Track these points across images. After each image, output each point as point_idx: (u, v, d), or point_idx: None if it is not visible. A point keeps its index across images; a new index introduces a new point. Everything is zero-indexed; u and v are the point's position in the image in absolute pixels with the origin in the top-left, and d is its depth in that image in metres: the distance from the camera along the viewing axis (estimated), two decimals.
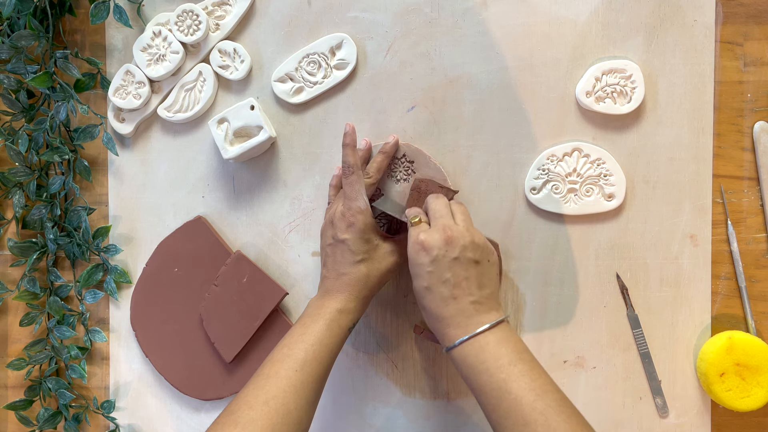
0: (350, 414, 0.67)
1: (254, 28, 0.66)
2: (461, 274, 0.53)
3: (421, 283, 0.54)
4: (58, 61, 0.65)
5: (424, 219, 0.57)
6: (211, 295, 0.66)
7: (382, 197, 0.64)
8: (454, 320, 0.53)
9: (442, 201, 0.58)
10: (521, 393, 0.49)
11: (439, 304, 0.53)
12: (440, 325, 0.54)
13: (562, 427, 0.47)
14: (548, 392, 0.49)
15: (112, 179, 0.69)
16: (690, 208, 0.64)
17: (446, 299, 0.53)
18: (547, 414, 0.48)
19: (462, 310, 0.53)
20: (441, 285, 0.53)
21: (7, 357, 0.71)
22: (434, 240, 0.54)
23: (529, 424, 0.48)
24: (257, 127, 0.64)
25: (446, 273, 0.53)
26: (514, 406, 0.49)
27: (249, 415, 0.50)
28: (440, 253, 0.53)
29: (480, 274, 0.54)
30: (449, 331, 0.53)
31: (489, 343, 0.52)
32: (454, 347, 0.53)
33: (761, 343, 0.61)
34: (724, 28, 0.63)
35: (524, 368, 0.50)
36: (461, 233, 0.54)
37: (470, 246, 0.54)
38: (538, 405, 0.48)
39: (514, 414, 0.48)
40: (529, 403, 0.48)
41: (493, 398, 0.50)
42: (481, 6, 0.64)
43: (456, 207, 0.58)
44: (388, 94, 0.65)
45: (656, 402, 0.64)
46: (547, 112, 0.64)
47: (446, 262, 0.53)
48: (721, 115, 0.64)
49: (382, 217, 0.64)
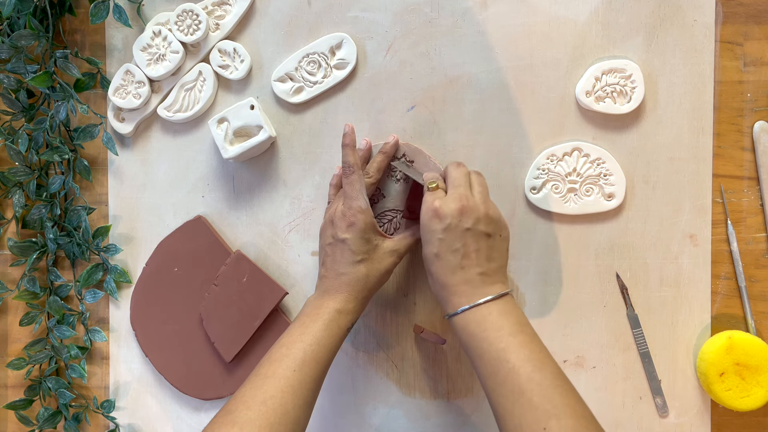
0: (350, 413, 0.67)
1: (254, 27, 0.66)
2: (471, 245, 0.53)
3: (431, 249, 0.54)
4: (58, 61, 0.65)
5: (441, 185, 0.57)
6: (211, 294, 0.66)
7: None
8: (460, 288, 0.53)
9: (463, 170, 0.57)
10: (519, 363, 0.49)
11: (446, 271, 0.54)
12: (445, 292, 0.54)
13: (558, 399, 0.47)
14: (546, 365, 0.49)
15: (112, 179, 0.69)
16: (690, 208, 0.64)
17: (454, 268, 0.53)
18: (543, 385, 0.48)
19: (468, 280, 0.53)
20: (450, 253, 0.53)
21: (7, 357, 0.71)
22: (449, 208, 0.54)
23: (524, 393, 0.48)
24: (257, 127, 0.64)
25: (457, 242, 0.53)
26: (511, 375, 0.49)
27: (247, 414, 0.50)
28: (453, 222, 0.53)
29: (490, 247, 0.54)
30: (453, 299, 0.53)
31: (492, 313, 0.52)
32: (456, 314, 0.53)
33: (761, 343, 0.61)
34: (724, 28, 0.63)
35: (524, 340, 0.50)
36: (476, 205, 0.54)
37: (484, 218, 0.54)
38: (535, 376, 0.48)
39: (510, 383, 0.49)
40: (526, 374, 0.48)
41: (491, 366, 0.50)
42: (480, 6, 0.64)
43: (475, 177, 0.58)
44: (388, 94, 0.65)
45: (656, 402, 0.64)
46: (547, 111, 0.64)
47: (458, 231, 0.53)
48: (721, 115, 0.64)
49: (383, 216, 0.64)
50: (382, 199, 0.64)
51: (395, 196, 0.64)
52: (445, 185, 0.57)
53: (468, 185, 0.56)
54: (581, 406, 0.48)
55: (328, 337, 0.55)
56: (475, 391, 0.66)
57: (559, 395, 0.48)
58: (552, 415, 0.47)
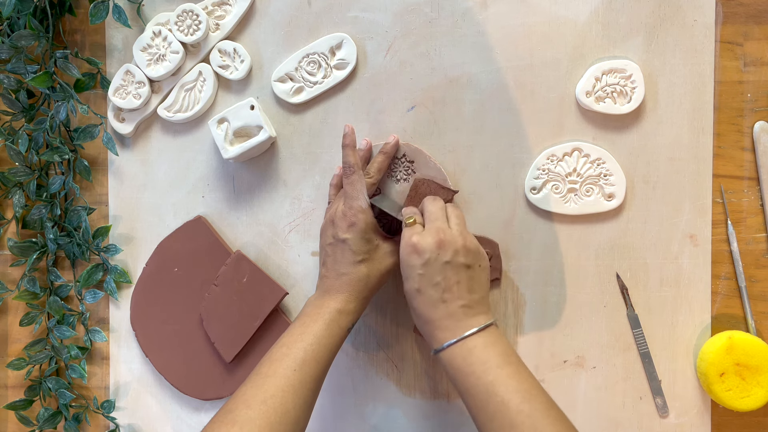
0: (350, 414, 0.67)
1: (254, 28, 0.66)
2: (452, 278, 0.53)
3: (412, 285, 0.54)
4: (58, 61, 0.65)
5: (419, 220, 0.57)
6: (211, 295, 0.66)
7: (380, 195, 0.64)
8: (443, 323, 0.53)
9: (438, 204, 0.58)
10: (508, 396, 0.49)
11: (428, 306, 0.53)
12: (429, 327, 0.54)
13: (548, 430, 0.47)
14: (535, 396, 0.49)
15: (112, 179, 0.69)
16: (690, 208, 0.64)
17: (436, 302, 0.53)
18: (533, 417, 0.48)
19: (451, 314, 0.53)
20: (431, 288, 0.53)
21: (7, 357, 0.71)
22: (427, 243, 0.54)
23: (515, 427, 0.48)
24: (257, 127, 0.64)
25: (437, 276, 0.53)
26: (501, 408, 0.49)
27: (247, 414, 0.50)
28: (432, 256, 0.53)
29: (470, 278, 0.54)
30: (437, 334, 0.53)
31: (477, 346, 0.52)
32: (442, 350, 0.53)
33: (761, 343, 0.61)
34: (724, 28, 0.63)
35: (511, 371, 0.50)
36: (454, 237, 0.54)
37: (462, 250, 0.54)
38: (524, 408, 0.48)
39: (500, 416, 0.49)
40: (515, 406, 0.48)
41: (480, 400, 0.50)
42: (480, 6, 0.64)
43: (451, 210, 0.58)
44: (388, 94, 0.65)
45: (656, 402, 0.64)
46: (547, 112, 0.64)
47: (438, 265, 0.53)
48: (721, 115, 0.64)
49: (382, 218, 0.64)
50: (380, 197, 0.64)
51: (395, 196, 0.64)
52: (422, 220, 0.57)
53: (444, 218, 0.56)
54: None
55: (328, 337, 0.55)
56: None
57: (550, 425, 0.48)
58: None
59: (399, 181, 0.64)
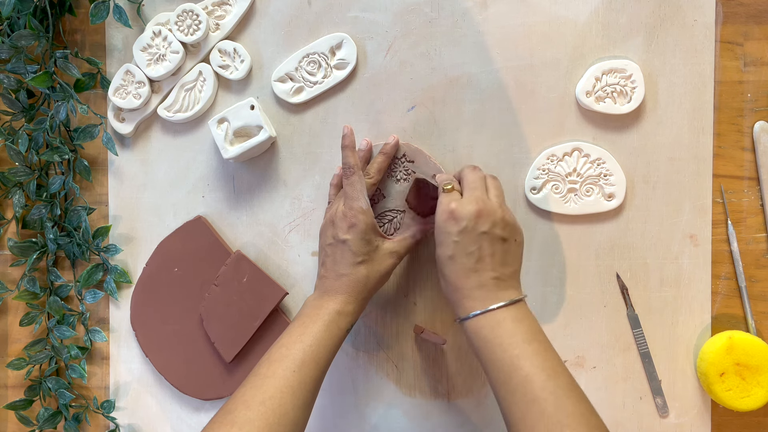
0: (350, 414, 0.67)
1: (254, 28, 0.66)
2: (487, 249, 0.53)
3: (446, 251, 0.54)
4: (58, 61, 0.65)
5: (456, 187, 0.56)
6: (211, 295, 0.66)
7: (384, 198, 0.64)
8: (473, 293, 0.52)
9: (479, 173, 0.57)
10: (533, 371, 0.49)
11: (460, 274, 0.53)
12: (458, 295, 0.53)
13: (571, 409, 0.47)
14: (560, 374, 0.49)
15: (112, 179, 0.69)
16: (690, 208, 0.64)
17: (468, 271, 0.53)
18: (557, 394, 0.47)
19: (482, 284, 0.52)
20: (465, 256, 0.53)
21: (7, 357, 0.71)
22: (466, 211, 0.53)
23: (537, 402, 0.47)
24: (257, 127, 0.64)
25: (472, 245, 0.53)
26: (525, 383, 0.48)
27: (246, 414, 0.50)
28: (469, 225, 0.53)
29: (505, 251, 0.53)
30: (466, 303, 0.53)
31: (506, 319, 0.51)
32: (468, 318, 0.52)
33: (761, 343, 0.61)
34: (724, 28, 0.63)
35: (539, 348, 0.50)
36: (493, 208, 0.54)
37: (500, 223, 0.53)
38: (548, 385, 0.48)
39: (523, 390, 0.48)
40: (540, 382, 0.48)
41: (503, 373, 0.50)
42: (480, 6, 0.64)
43: (491, 181, 0.57)
44: (388, 94, 0.65)
45: (656, 402, 0.64)
46: (547, 112, 0.64)
47: (474, 235, 0.53)
48: (721, 115, 0.64)
49: (383, 217, 0.64)
50: (383, 200, 0.64)
51: (395, 196, 0.64)
52: (460, 188, 0.57)
53: (484, 188, 0.56)
54: (594, 416, 0.48)
55: (327, 338, 0.55)
56: (475, 391, 0.66)
57: (573, 405, 0.47)
58: (565, 425, 0.46)
59: (399, 181, 0.64)
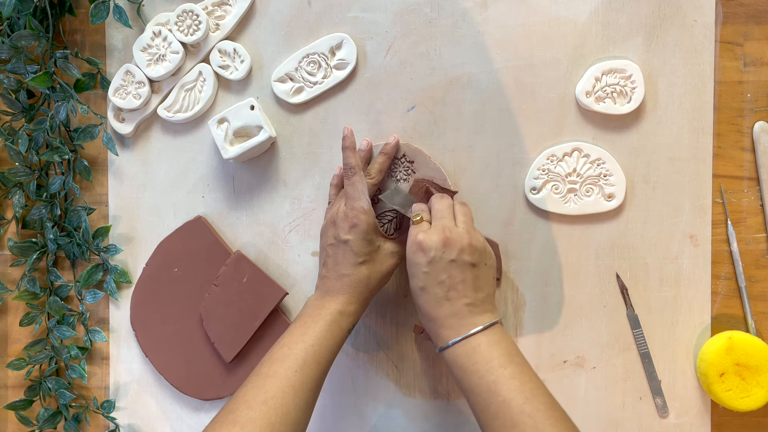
0: (350, 414, 0.67)
1: (254, 28, 0.66)
2: (457, 277, 0.53)
3: (417, 283, 0.54)
4: (58, 61, 0.65)
5: (426, 218, 0.57)
6: (211, 295, 0.66)
7: (390, 190, 0.63)
8: (448, 321, 0.53)
9: (446, 202, 0.58)
10: (510, 395, 0.49)
11: (433, 304, 0.53)
12: (433, 325, 0.54)
13: (550, 430, 0.47)
14: (537, 396, 0.49)
15: (112, 179, 0.69)
16: (690, 208, 0.64)
17: (440, 300, 0.53)
18: (535, 417, 0.48)
19: (456, 312, 0.53)
20: (436, 286, 0.53)
21: (7, 357, 0.71)
22: (432, 241, 0.54)
23: (516, 426, 0.48)
24: (257, 127, 0.64)
25: (442, 274, 0.53)
26: (503, 408, 0.49)
27: (248, 414, 0.50)
28: (437, 254, 0.53)
29: (476, 277, 0.54)
30: (442, 332, 0.53)
31: (481, 344, 0.52)
32: (446, 348, 0.53)
33: (761, 343, 0.61)
34: (724, 28, 0.63)
35: (514, 371, 0.50)
36: (460, 235, 0.54)
37: (468, 249, 0.54)
38: (526, 408, 0.48)
39: (502, 416, 0.49)
40: (517, 406, 0.48)
41: (483, 399, 0.50)
42: (480, 6, 0.64)
43: (459, 208, 0.58)
44: (388, 94, 0.65)
45: (656, 402, 0.64)
46: (547, 112, 0.64)
47: (443, 263, 0.53)
48: (721, 115, 0.64)
49: (383, 217, 0.64)
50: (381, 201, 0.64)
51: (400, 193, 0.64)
52: (430, 218, 0.57)
53: (452, 216, 0.56)
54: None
55: (329, 338, 0.55)
56: None
57: (552, 426, 0.48)
58: None
59: (399, 181, 0.64)
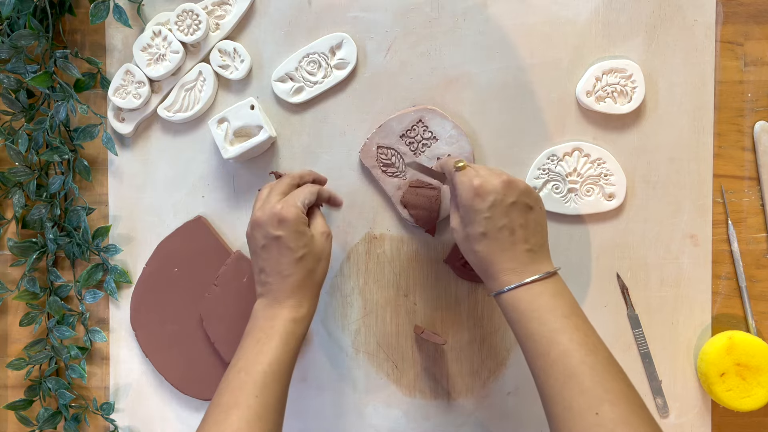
0: (350, 414, 0.67)
1: (254, 27, 0.66)
2: (517, 220, 0.52)
3: (477, 229, 0.52)
4: (58, 61, 0.65)
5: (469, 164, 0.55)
6: (211, 295, 0.66)
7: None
8: (509, 266, 0.52)
9: None
10: (572, 346, 0.48)
11: (494, 249, 0.52)
12: (493, 269, 0.52)
13: (610, 385, 0.46)
14: (599, 350, 0.49)
15: (112, 179, 0.69)
16: (690, 208, 0.64)
17: (502, 245, 0.52)
18: (596, 369, 0.47)
19: (517, 257, 0.52)
20: (497, 231, 0.52)
21: (7, 357, 0.71)
22: (492, 184, 0.52)
23: (576, 376, 0.47)
24: (257, 127, 0.64)
25: (503, 219, 0.52)
26: (563, 357, 0.48)
27: None
28: (498, 197, 0.52)
29: (534, 221, 0.53)
30: (502, 277, 0.52)
31: (543, 292, 0.51)
32: (505, 291, 0.52)
33: (762, 343, 0.61)
34: (724, 28, 0.63)
35: (577, 322, 0.50)
36: (515, 178, 0.53)
37: (525, 191, 0.53)
38: (588, 360, 0.47)
39: (561, 364, 0.48)
40: (579, 357, 0.47)
41: (541, 346, 0.49)
42: (481, 6, 0.64)
43: None
44: (388, 94, 0.65)
45: (656, 402, 0.64)
46: (548, 112, 0.64)
47: (503, 207, 0.52)
48: (721, 115, 0.64)
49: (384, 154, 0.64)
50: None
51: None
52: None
53: None
54: (633, 393, 0.47)
55: (286, 353, 0.53)
56: (475, 391, 0.66)
57: (612, 380, 0.47)
58: (605, 400, 0.46)
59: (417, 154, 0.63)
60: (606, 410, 0.45)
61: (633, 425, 0.45)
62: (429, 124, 0.63)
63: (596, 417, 0.45)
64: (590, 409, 0.45)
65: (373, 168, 0.64)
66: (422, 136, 0.63)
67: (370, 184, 0.66)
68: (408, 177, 0.64)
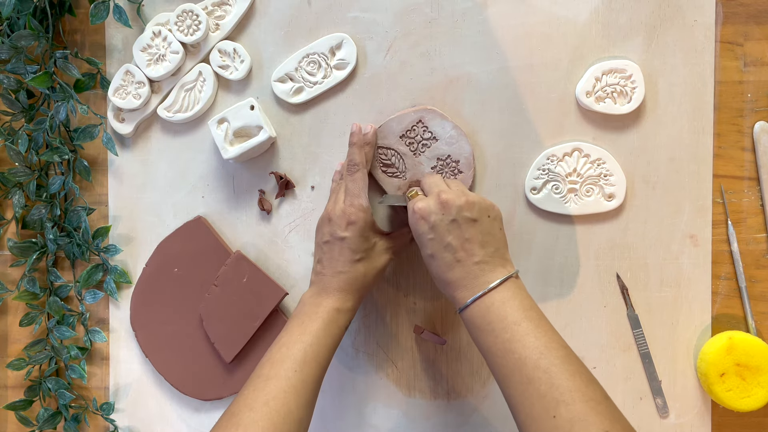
0: (350, 414, 0.67)
1: (254, 28, 0.66)
2: (461, 236, 0.53)
3: (426, 251, 0.54)
4: (58, 61, 0.65)
5: (420, 193, 0.59)
6: (211, 295, 0.66)
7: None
8: (461, 282, 0.53)
9: (437, 176, 0.60)
10: (525, 352, 0.49)
11: (444, 269, 0.53)
12: (449, 289, 0.54)
13: (565, 384, 0.47)
14: (552, 350, 0.49)
15: (112, 179, 0.69)
16: (690, 208, 0.64)
17: (451, 264, 0.53)
18: (550, 372, 0.47)
19: (467, 272, 0.53)
20: (444, 250, 0.53)
21: (7, 357, 0.71)
22: (429, 206, 0.54)
23: (532, 382, 0.47)
24: (257, 127, 0.64)
25: (447, 237, 0.53)
26: (518, 365, 0.48)
27: (250, 416, 0.50)
28: (437, 218, 0.54)
29: (480, 232, 0.54)
30: (457, 294, 0.53)
31: (494, 303, 0.52)
32: (463, 309, 0.53)
33: (761, 344, 0.61)
34: (724, 28, 0.63)
35: (529, 327, 0.50)
36: (456, 195, 0.54)
37: (465, 206, 0.54)
38: (541, 363, 0.48)
39: (518, 373, 0.48)
40: (532, 362, 0.48)
41: (499, 358, 0.50)
42: (481, 6, 0.64)
43: (450, 180, 0.60)
44: (388, 94, 0.65)
45: (656, 402, 0.64)
46: (547, 112, 0.64)
47: (444, 225, 0.53)
48: (721, 115, 0.64)
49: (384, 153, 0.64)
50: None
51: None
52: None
53: (444, 185, 0.58)
54: (591, 387, 0.48)
55: (327, 337, 0.55)
56: (475, 391, 0.66)
57: (567, 379, 0.47)
58: (560, 401, 0.46)
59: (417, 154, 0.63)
60: (562, 412, 0.46)
61: (589, 422, 0.45)
62: (429, 124, 0.63)
63: (553, 420, 0.46)
64: (548, 412, 0.46)
65: (373, 168, 0.64)
66: (422, 137, 0.63)
67: (370, 184, 0.66)
68: (408, 177, 0.64)
